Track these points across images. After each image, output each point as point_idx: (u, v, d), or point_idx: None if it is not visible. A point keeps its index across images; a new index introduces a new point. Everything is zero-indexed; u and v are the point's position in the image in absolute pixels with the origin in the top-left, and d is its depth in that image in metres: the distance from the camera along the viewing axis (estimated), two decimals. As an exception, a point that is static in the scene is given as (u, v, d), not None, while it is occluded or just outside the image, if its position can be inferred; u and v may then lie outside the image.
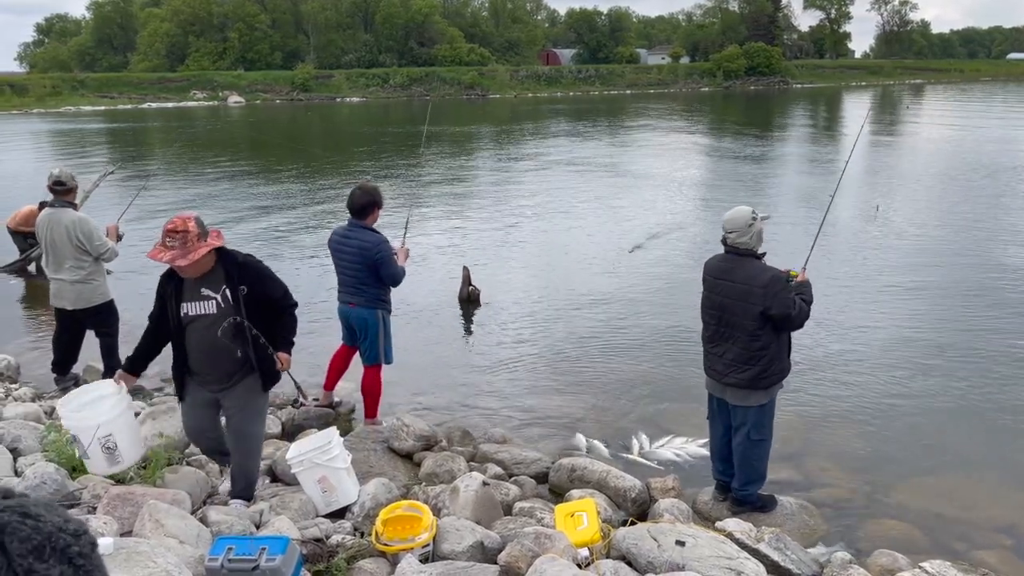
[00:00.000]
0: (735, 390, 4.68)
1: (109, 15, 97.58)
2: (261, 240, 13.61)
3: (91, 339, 6.87)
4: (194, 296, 4.24)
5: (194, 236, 4.08)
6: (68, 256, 6.32)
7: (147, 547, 3.42)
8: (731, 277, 4.60)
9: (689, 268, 10.61)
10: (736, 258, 4.62)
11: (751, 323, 4.52)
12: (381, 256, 5.79)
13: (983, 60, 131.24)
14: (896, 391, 6.95)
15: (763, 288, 4.47)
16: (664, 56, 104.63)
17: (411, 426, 5.67)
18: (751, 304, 4.50)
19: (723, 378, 4.70)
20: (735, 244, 4.61)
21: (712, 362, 4.76)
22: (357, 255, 5.83)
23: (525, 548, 3.79)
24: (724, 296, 4.62)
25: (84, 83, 72.34)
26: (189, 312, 4.25)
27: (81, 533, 0.89)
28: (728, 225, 4.63)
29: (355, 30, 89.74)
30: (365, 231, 5.87)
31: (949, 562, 4.15)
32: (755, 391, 4.63)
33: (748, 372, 4.58)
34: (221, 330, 4.23)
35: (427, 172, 22.28)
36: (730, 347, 4.62)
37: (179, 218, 4.12)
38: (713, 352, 4.75)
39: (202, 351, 4.31)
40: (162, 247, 4.09)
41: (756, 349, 4.56)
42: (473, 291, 9.80)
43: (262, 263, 4.54)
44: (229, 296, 4.25)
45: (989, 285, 10.16)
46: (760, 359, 4.56)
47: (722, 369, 4.68)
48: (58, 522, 0.87)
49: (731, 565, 3.84)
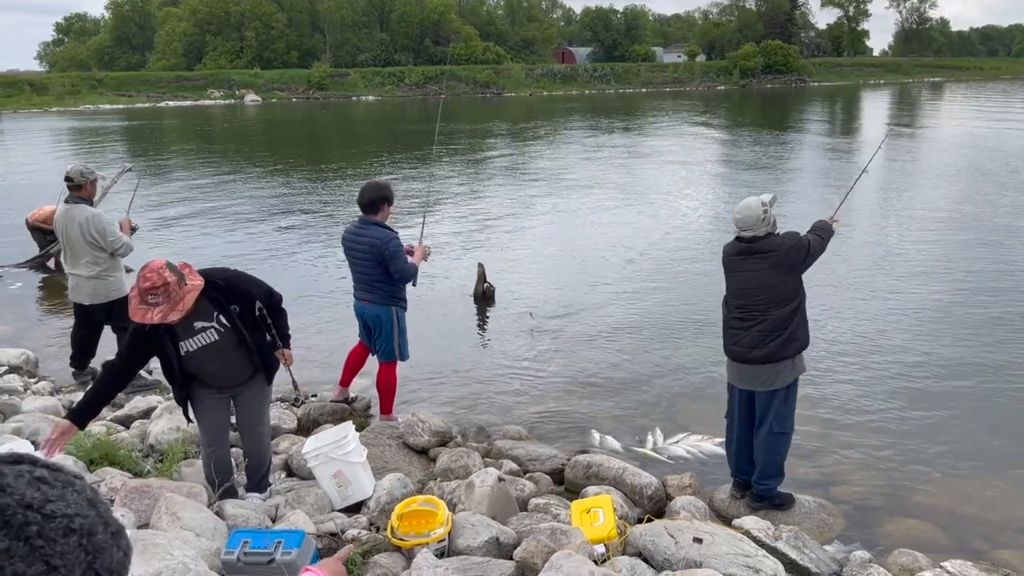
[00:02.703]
0: (760, 368, 4.62)
1: (127, 14, 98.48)
2: (275, 238, 13.66)
3: (109, 334, 6.91)
4: (189, 333, 4.12)
5: (174, 285, 3.86)
6: (84, 252, 6.36)
7: (164, 540, 3.42)
8: (756, 252, 4.59)
9: (706, 263, 10.56)
10: (755, 241, 4.62)
11: (787, 285, 4.55)
12: (390, 251, 5.75)
13: (1003, 58, 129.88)
14: (916, 388, 6.87)
15: (791, 250, 4.58)
16: (680, 54, 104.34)
17: (426, 422, 5.67)
18: (785, 268, 4.54)
19: (750, 352, 4.63)
20: (754, 237, 4.59)
21: (738, 338, 4.68)
22: (368, 252, 5.81)
23: (541, 544, 3.77)
24: (752, 271, 4.60)
25: (102, 82, 73.00)
26: (190, 349, 4.15)
27: (56, 516, 0.82)
28: (741, 224, 4.60)
29: (371, 29, 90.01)
30: (376, 227, 5.84)
31: (971, 562, 4.09)
32: (781, 363, 4.59)
33: (776, 340, 4.56)
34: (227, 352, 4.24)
35: (443, 170, 22.30)
36: (761, 319, 4.59)
37: (151, 273, 3.84)
38: (739, 328, 4.68)
39: (209, 375, 4.29)
40: (145, 306, 3.86)
41: (788, 313, 4.57)
42: (488, 288, 9.78)
43: (237, 271, 4.42)
44: (225, 320, 4.19)
45: (1014, 285, 10.01)
46: (790, 323, 4.57)
47: (749, 343, 4.62)
48: (29, 498, 0.82)
49: (749, 563, 3.80)
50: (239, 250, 12.56)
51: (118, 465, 4.78)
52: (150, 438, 5.33)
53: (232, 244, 13.17)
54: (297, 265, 11.73)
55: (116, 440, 5.16)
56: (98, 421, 5.78)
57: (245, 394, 4.46)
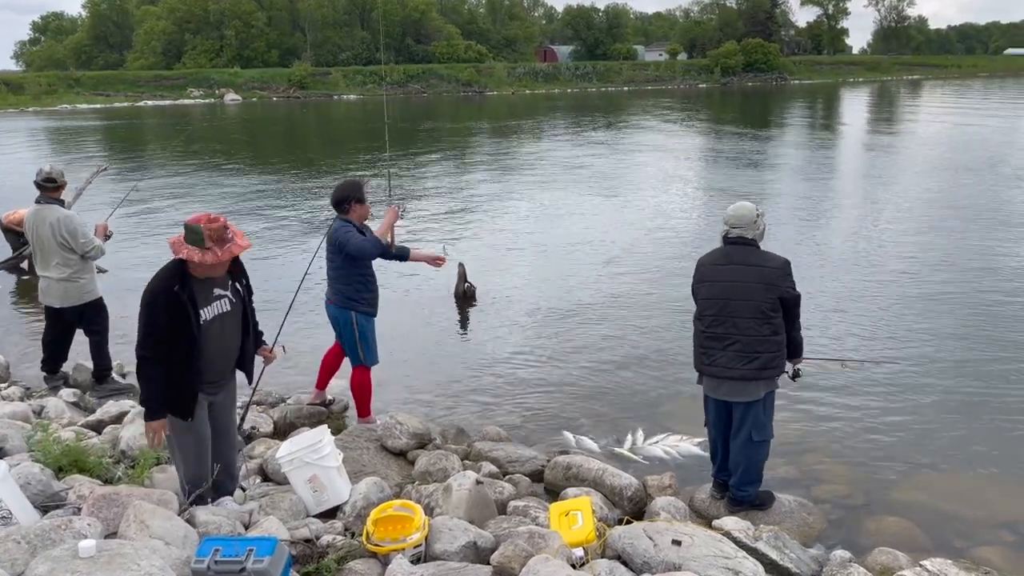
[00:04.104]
0: (735, 384, 4.57)
1: (105, 13, 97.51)
2: (253, 239, 13.52)
3: (81, 338, 6.79)
4: (209, 299, 4.08)
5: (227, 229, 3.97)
6: (54, 254, 6.23)
7: (131, 549, 3.33)
8: (741, 261, 4.52)
9: (686, 264, 10.53)
10: (743, 247, 4.56)
11: (765, 303, 4.43)
12: (341, 238, 5.63)
13: (981, 56, 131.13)
14: (895, 387, 6.87)
15: (779, 269, 4.47)
16: (661, 53, 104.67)
17: (405, 424, 5.60)
18: (768, 285, 4.43)
19: (726, 372, 4.56)
20: (742, 236, 4.55)
21: (713, 358, 4.60)
22: (331, 247, 5.76)
23: (519, 548, 3.72)
24: (732, 281, 4.51)
25: (80, 81, 72.26)
26: (207, 316, 4.07)
27: None
28: (733, 221, 4.56)
29: (352, 27, 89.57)
30: (338, 221, 5.78)
31: (950, 560, 4.07)
32: (758, 381, 4.53)
33: (755, 362, 4.47)
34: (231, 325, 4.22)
35: (424, 169, 22.20)
36: (736, 338, 4.50)
37: (203, 217, 3.92)
38: (713, 347, 4.60)
39: (214, 352, 4.17)
40: (200, 250, 3.87)
41: (766, 335, 4.46)
42: (469, 288, 9.72)
43: None
44: (238, 289, 4.27)
45: (991, 281, 10.07)
46: (769, 346, 4.47)
47: (725, 363, 4.55)
48: None
49: (729, 564, 3.77)
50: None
51: (88, 472, 4.66)
52: (122, 443, 5.21)
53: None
54: (276, 266, 11.61)
55: (86, 446, 5.04)
56: (69, 427, 5.68)
57: (222, 395, 4.38)
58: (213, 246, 3.90)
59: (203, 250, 3.88)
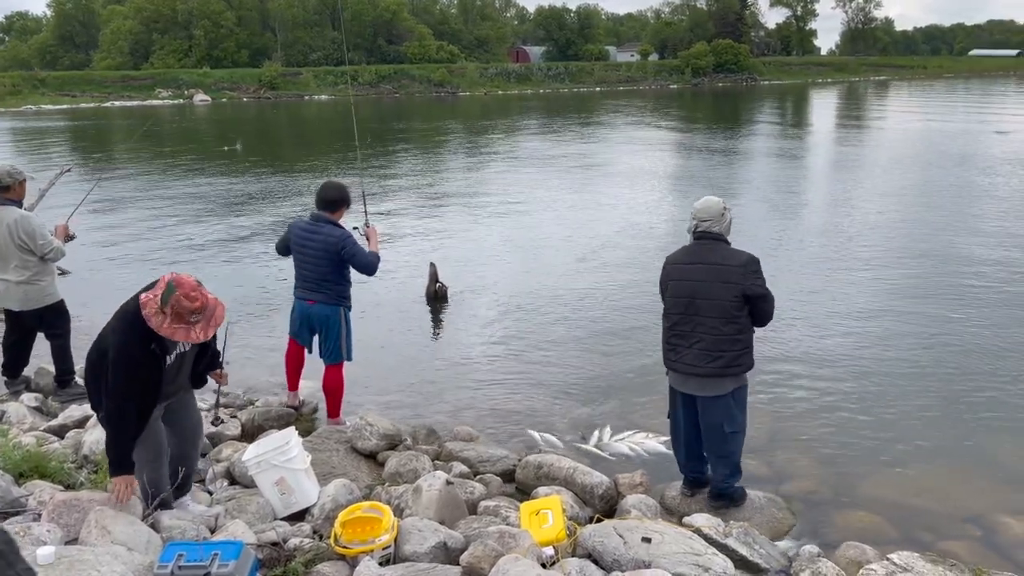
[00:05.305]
0: (703, 380, 4.57)
1: (70, 12, 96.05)
2: (216, 239, 13.37)
3: (43, 341, 6.65)
4: (173, 345, 4.02)
5: (212, 302, 3.86)
6: (12, 256, 6.08)
7: (91, 555, 3.27)
8: (706, 259, 4.51)
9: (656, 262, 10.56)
10: (710, 242, 4.56)
11: (729, 303, 4.41)
12: (348, 250, 5.64)
13: (946, 57, 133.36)
14: (863, 383, 6.94)
15: (742, 267, 4.44)
16: (633, 53, 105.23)
17: (375, 425, 5.54)
18: (730, 284, 4.41)
19: (692, 369, 4.56)
20: (708, 231, 4.55)
21: (679, 355, 4.61)
22: (322, 250, 5.68)
23: (488, 548, 3.69)
24: (698, 279, 4.50)
25: (45, 82, 71.12)
26: (170, 360, 4.03)
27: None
28: (701, 214, 4.57)
29: (323, 27, 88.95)
30: (330, 226, 5.71)
31: (917, 553, 4.10)
32: (725, 379, 4.54)
33: (720, 361, 4.48)
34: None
35: (394, 169, 22.09)
36: (701, 336, 4.50)
37: (192, 292, 3.75)
38: (680, 344, 4.61)
39: (169, 385, 4.12)
40: (187, 326, 3.76)
41: (730, 334, 4.45)
42: (440, 288, 9.67)
43: None
44: None
45: (957, 278, 10.20)
46: (733, 345, 4.47)
47: (691, 360, 4.55)
48: None
49: (699, 561, 3.77)
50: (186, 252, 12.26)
51: (49, 477, 4.57)
52: (84, 448, 5.11)
53: (178, 247, 12.85)
54: (238, 271, 11.49)
55: (48, 451, 4.93)
56: (30, 432, 5.56)
57: (181, 398, 4.31)
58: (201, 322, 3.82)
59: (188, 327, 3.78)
